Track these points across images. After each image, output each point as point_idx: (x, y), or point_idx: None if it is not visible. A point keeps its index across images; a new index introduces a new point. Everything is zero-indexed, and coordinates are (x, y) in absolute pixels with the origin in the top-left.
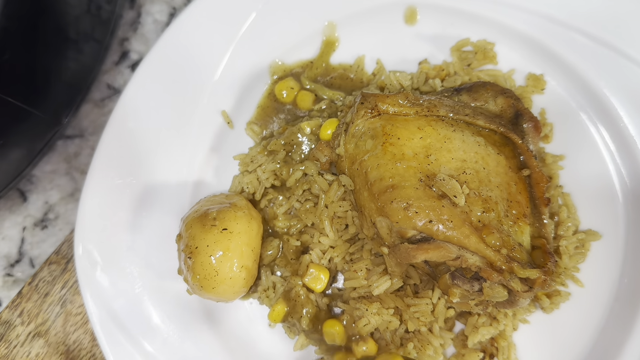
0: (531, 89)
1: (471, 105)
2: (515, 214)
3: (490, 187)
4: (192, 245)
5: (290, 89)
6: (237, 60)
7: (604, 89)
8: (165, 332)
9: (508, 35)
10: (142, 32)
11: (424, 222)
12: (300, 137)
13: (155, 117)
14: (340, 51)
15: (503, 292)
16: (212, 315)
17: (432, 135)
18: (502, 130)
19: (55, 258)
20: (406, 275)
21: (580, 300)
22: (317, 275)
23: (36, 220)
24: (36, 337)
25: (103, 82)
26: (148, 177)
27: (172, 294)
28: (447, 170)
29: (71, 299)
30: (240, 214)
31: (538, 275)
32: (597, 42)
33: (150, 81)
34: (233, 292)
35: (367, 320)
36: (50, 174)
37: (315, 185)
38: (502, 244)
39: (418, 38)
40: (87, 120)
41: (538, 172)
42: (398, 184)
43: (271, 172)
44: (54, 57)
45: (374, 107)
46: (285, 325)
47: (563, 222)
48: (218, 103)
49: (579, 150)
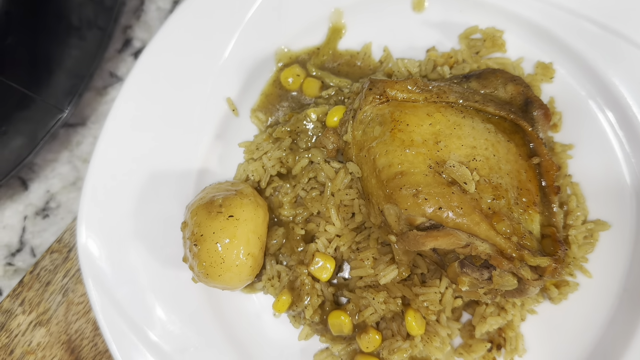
0: (540, 77)
1: (480, 92)
2: (525, 201)
3: (501, 175)
4: (197, 232)
5: (297, 76)
6: (242, 47)
7: (613, 78)
8: (169, 321)
9: (517, 23)
10: (145, 20)
11: (433, 208)
12: (307, 124)
13: (159, 104)
14: (346, 38)
15: (513, 281)
16: (217, 304)
17: (442, 122)
18: (512, 118)
19: (57, 246)
20: (413, 265)
21: (588, 291)
22: (323, 264)
23: (37, 209)
24: (37, 327)
25: (106, 70)
26: (151, 165)
27: (176, 282)
28: (457, 157)
29: (73, 288)
30: (247, 201)
31: (549, 263)
32: (606, 30)
33: (153, 68)
34: (239, 279)
35: (374, 309)
36: (52, 162)
37: (322, 173)
38: (512, 231)
39: (426, 25)
40: (90, 109)
41: (548, 159)
42: (407, 170)
43: (277, 160)
44: (57, 44)
45: (383, 93)
46: (290, 314)
47: (572, 212)
48: (223, 90)
49: (588, 139)
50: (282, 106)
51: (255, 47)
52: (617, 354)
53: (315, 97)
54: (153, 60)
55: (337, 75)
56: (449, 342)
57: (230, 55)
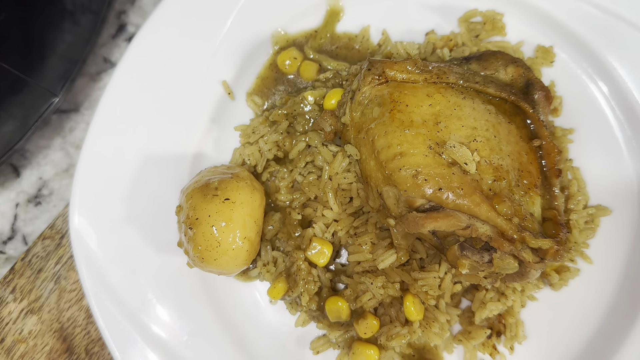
0: (540, 60)
1: (481, 74)
2: (526, 183)
3: (501, 156)
4: (193, 216)
5: (294, 59)
6: (237, 30)
7: (614, 62)
8: (163, 308)
9: (517, 6)
10: (139, 5)
11: (433, 189)
12: (304, 107)
13: (153, 88)
14: (344, 21)
15: (514, 264)
16: (212, 290)
17: (442, 103)
18: (513, 99)
19: (49, 233)
20: (412, 250)
21: (589, 278)
22: (320, 249)
23: (30, 197)
24: (29, 314)
25: (99, 56)
26: (145, 149)
27: (170, 268)
28: (458, 137)
29: (65, 275)
30: (243, 184)
31: (550, 245)
32: (607, 13)
33: (147, 52)
34: (235, 264)
35: (372, 294)
36: (44, 149)
37: (319, 157)
38: (513, 213)
39: (425, 8)
40: (83, 95)
41: (549, 142)
42: (406, 151)
43: (273, 144)
44: (50, 28)
45: (382, 74)
46: (287, 301)
47: (573, 196)
48: (218, 73)
49: (588, 123)
50: (278, 90)
51: (251, 30)
52: (617, 341)
53: (312, 80)
54: (147, 43)
55: (335, 58)
56: (448, 329)
57: (226, 37)
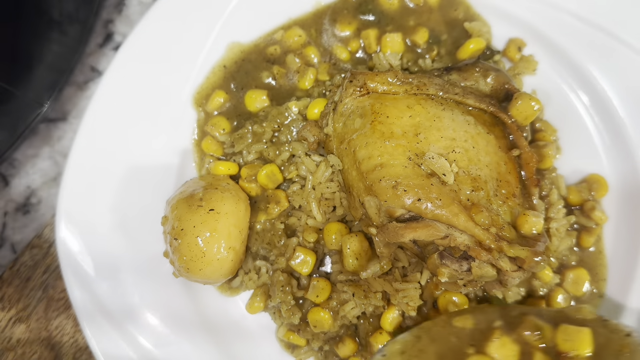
0: (522, 70)
1: (461, 84)
2: (504, 193)
3: (480, 166)
4: (178, 226)
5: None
6: (221, 42)
7: (594, 72)
8: (150, 317)
9: (499, 16)
10: (127, 14)
11: (412, 200)
12: (288, 116)
13: (139, 98)
14: None
15: (492, 272)
16: (198, 299)
17: (422, 114)
18: (492, 110)
19: (37, 242)
20: (395, 258)
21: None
22: (303, 258)
23: (18, 205)
24: (17, 323)
25: (87, 65)
26: (131, 159)
27: (157, 278)
28: (437, 149)
29: (53, 284)
30: (228, 195)
31: (527, 254)
32: (587, 24)
33: (134, 61)
34: (220, 274)
35: (354, 303)
36: (32, 157)
37: (303, 167)
38: (491, 222)
39: None
40: (70, 104)
41: (528, 152)
42: (387, 162)
43: (258, 154)
44: (37, 38)
45: (363, 85)
46: (270, 311)
47: (554, 204)
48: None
49: (569, 132)
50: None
51: (236, 40)
52: None
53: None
54: (133, 53)
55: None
56: None
57: (211, 49)
